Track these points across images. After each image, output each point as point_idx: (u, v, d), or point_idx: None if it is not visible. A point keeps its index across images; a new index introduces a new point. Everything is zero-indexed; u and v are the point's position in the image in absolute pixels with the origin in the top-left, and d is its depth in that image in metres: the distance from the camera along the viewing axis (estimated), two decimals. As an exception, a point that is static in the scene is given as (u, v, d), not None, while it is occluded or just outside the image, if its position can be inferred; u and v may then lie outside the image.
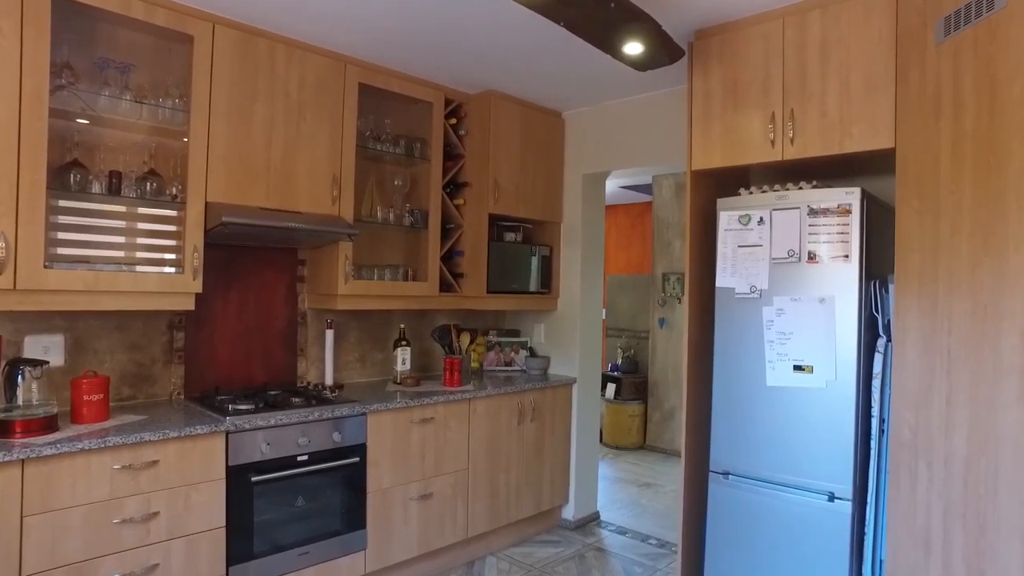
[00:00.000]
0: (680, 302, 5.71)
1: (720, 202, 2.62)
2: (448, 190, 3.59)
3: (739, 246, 2.55)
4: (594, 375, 4.03)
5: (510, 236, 3.85)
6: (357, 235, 2.93)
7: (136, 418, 2.34)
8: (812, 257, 2.37)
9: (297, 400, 2.70)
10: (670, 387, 5.77)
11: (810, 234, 2.38)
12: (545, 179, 3.88)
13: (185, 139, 2.55)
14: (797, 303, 2.40)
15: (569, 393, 3.88)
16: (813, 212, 2.37)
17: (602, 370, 5.09)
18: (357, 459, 2.74)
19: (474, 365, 3.97)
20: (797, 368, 2.39)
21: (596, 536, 3.77)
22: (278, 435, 2.49)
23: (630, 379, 5.98)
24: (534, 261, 3.85)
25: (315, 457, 2.60)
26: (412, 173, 3.55)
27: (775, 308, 2.44)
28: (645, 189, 6.58)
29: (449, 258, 3.64)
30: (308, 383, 3.21)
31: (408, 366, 3.44)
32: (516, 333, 4.23)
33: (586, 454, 3.95)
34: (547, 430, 3.72)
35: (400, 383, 3.38)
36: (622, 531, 3.87)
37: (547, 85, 3.49)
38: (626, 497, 4.53)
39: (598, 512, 4.08)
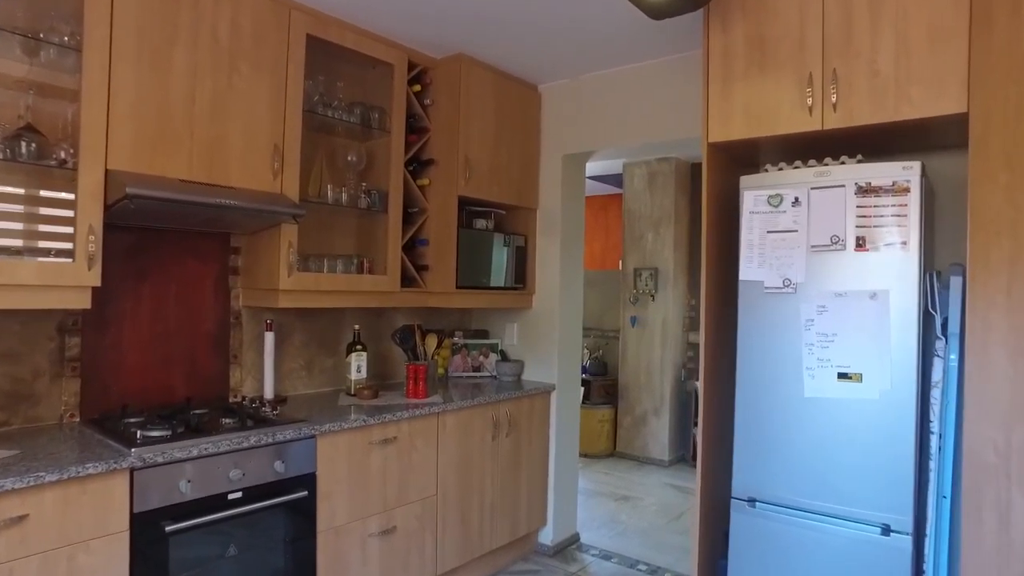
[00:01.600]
0: (654, 299, 5.35)
1: (744, 180, 2.22)
2: (411, 168, 3.09)
3: (768, 232, 2.16)
4: (574, 381, 3.60)
5: (481, 223, 3.37)
6: (303, 217, 2.40)
7: (3, 454, 1.76)
8: (861, 244, 1.99)
9: (229, 421, 2.15)
10: (642, 390, 5.41)
11: (859, 216, 1.99)
12: (520, 159, 3.42)
13: (78, 88, 1.97)
14: (842, 299, 2.01)
15: (547, 402, 3.43)
16: (862, 191, 1.99)
17: (574, 373, 4.67)
18: (305, 492, 2.22)
19: (439, 371, 3.47)
20: (842, 376, 2.01)
21: (579, 563, 3.34)
22: (203, 468, 1.95)
23: (599, 382, 5.59)
24: (507, 252, 3.39)
25: (252, 494, 2.07)
26: (369, 147, 3.03)
27: (815, 305, 2.06)
28: (611, 180, 6.22)
29: (412, 247, 3.14)
30: (243, 397, 2.65)
31: (364, 374, 2.92)
32: (485, 334, 3.75)
33: (565, 470, 3.52)
34: (524, 445, 3.26)
35: (355, 394, 2.86)
36: (606, 556, 3.45)
37: (523, 51, 3.03)
38: (604, 514, 4.12)
39: (578, 534, 3.65)
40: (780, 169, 2.18)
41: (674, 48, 2.97)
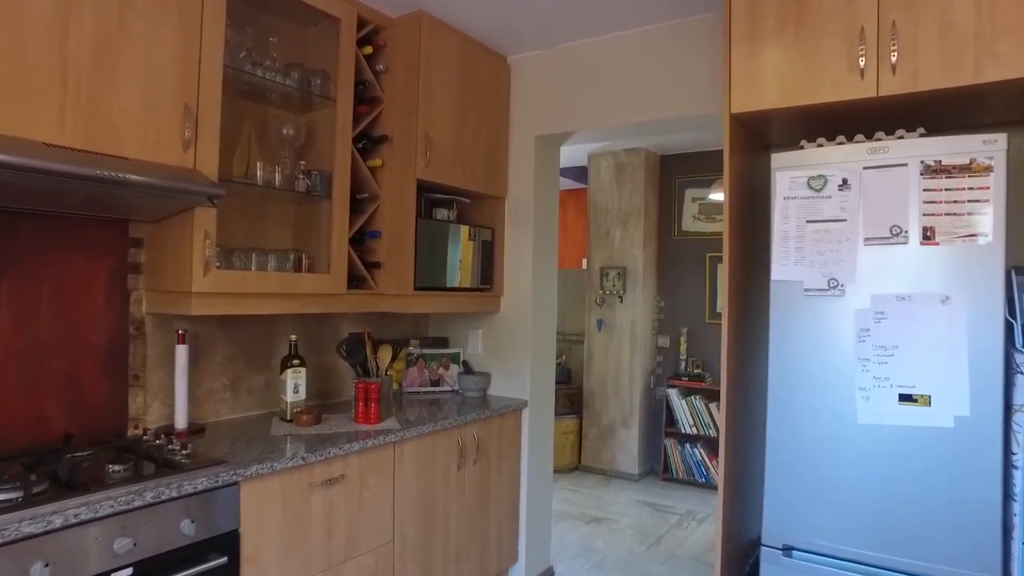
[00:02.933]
0: (622, 300, 4.98)
1: (777, 158, 1.83)
2: (361, 146, 2.58)
3: (808, 221, 1.77)
4: (547, 395, 3.16)
5: (442, 213, 2.89)
6: (222, 199, 1.87)
7: None
8: (928, 236, 1.61)
9: (118, 469, 1.61)
10: (609, 399, 5.02)
11: (926, 202, 1.62)
12: (487, 140, 2.96)
13: None
14: (906, 304, 1.64)
15: (518, 421, 2.98)
16: (931, 171, 1.61)
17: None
18: (224, 559, 1.69)
19: (392, 386, 2.97)
20: (905, 399, 1.63)
21: (556, 607, 2.91)
22: (72, 543, 1.41)
23: (563, 390, 5.17)
24: (473, 247, 2.92)
25: (146, 569, 1.53)
26: (310, 120, 2.51)
27: (871, 311, 1.67)
28: (571, 174, 5.82)
29: (361, 241, 2.63)
30: (145, 430, 2.09)
31: (302, 394, 2.40)
32: (444, 343, 3.27)
33: (539, 498, 3.07)
34: (493, 472, 2.80)
35: (291, 420, 2.34)
36: (586, 595, 3.03)
37: (493, 11, 2.57)
38: (577, 540, 3.70)
39: (552, 568, 3.21)
40: (820, 146, 1.80)
41: (669, 12, 2.56)
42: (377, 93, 2.62)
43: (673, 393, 4.84)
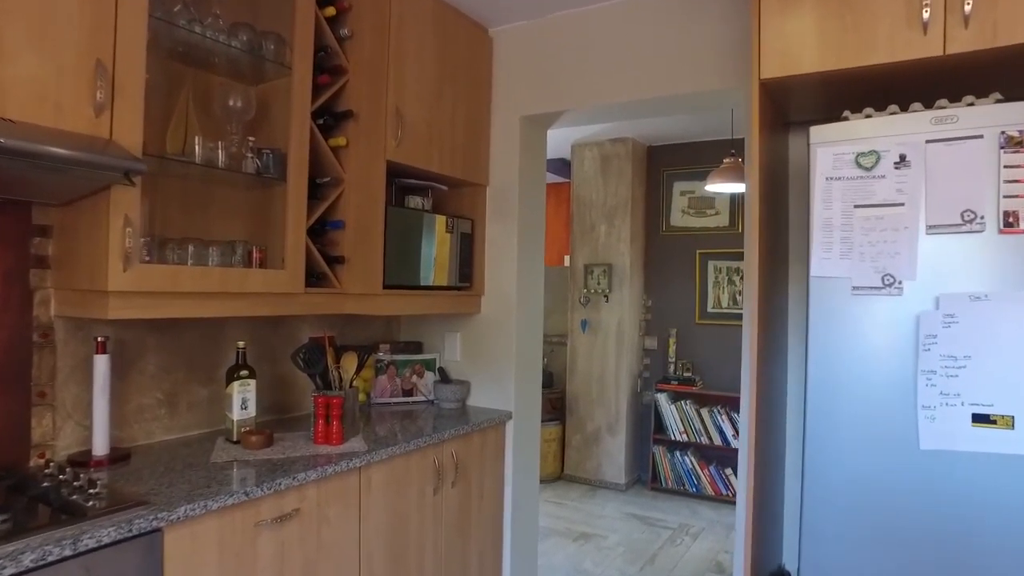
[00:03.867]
0: (607, 299, 4.68)
1: (817, 132, 1.53)
2: (322, 122, 2.23)
3: (856, 206, 1.48)
4: (533, 405, 2.85)
5: (416, 201, 2.56)
6: (140, 174, 1.52)
7: None
8: (1011, 222, 1.33)
9: (-3, 518, 1.25)
10: (593, 404, 4.73)
11: (1007, 182, 1.34)
12: (467, 121, 2.63)
13: None
14: (982, 305, 1.35)
15: (501, 435, 2.66)
16: (1014, 143, 1.33)
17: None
18: (139, 629, 1.34)
19: (360, 400, 2.63)
20: (980, 419, 1.35)
21: (545, 644, 2.59)
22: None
23: (544, 394, 4.84)
24: (451, 241, 2.59)
25: (30, 651, 1.18)
26: (262, 92, 2.16)
27: (938, 314, 1.39)
28: (552, 166, 5.51)
29: (321, 232, 2.29)
30: (49, 461, 1.72)
31: (252, 410, 2.05)
32: (418, 347, 2.93)
33: (524, 519, 2.76)
34: (474, 494, 2.47)
35: (238, 442, 1.99)
36: (577, 629, 2.72)
37: (481, -34, 2.25)
38: (564, 561, 3.39)
39: (538, 598, 2.90)
40: (868, 116, 1.50)
41: (675, -26, 2.26)
42: (341, 62, 2.28)
43: (662, 397, 4.57)
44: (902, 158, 1.42)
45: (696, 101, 2.44)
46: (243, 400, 2.03)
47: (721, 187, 3.61)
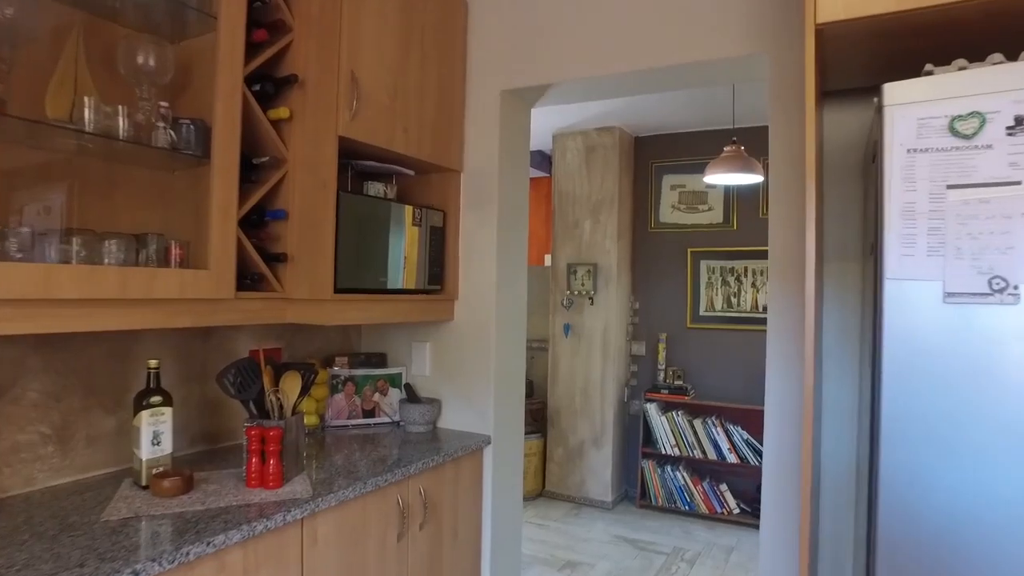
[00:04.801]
0: (592, 302, 4.32)
1: (892, 90, 1.17)
2: (259, 88, 1.82)
3: (950, 186, 1.12)
4: (515, 428, 2.47)
5: (377, 188, 2.16)
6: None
7: None
8: None
9: None
10: (577, 415, 4.36)
11: None
12: (438, 94, 2.24)
13: None
14: None
15: (479, 464, 2.27)
16: None
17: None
18: None
19: (310, 423, 2.22)
20: None
21: None
22: None
23: (524, 405, 4.47)
24: (419, 236, 2.20)
25: None
26: (184, 51, 1.74)
27: (1072, 330, 1.03)
28: (531, 160, 5.13)
29: (259, 224, 1.88)
30: None
31: (167, 446, 1.63)
32: (381, 360, 2.53)
33: (506, 565, 2.37)
34: (446, 536, 2.08)
35: (146, 487, 1.57)
36: None
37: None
38: (548, 599, 3.02)
39: (521, 649, 2.52)
40: (962, 69, 1.15)
41: (686, -83, 1.90)
42: (283, 16, 1.87)
43: (651, 408, 4.22)
44: (1018, 121, 1.07)
45: (707, 73, 2.07)
46: (154, 434, 1.61)
47: (722, 178, 3.27)
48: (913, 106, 1.15)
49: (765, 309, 4.14)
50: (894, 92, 1.17)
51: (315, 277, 1.85)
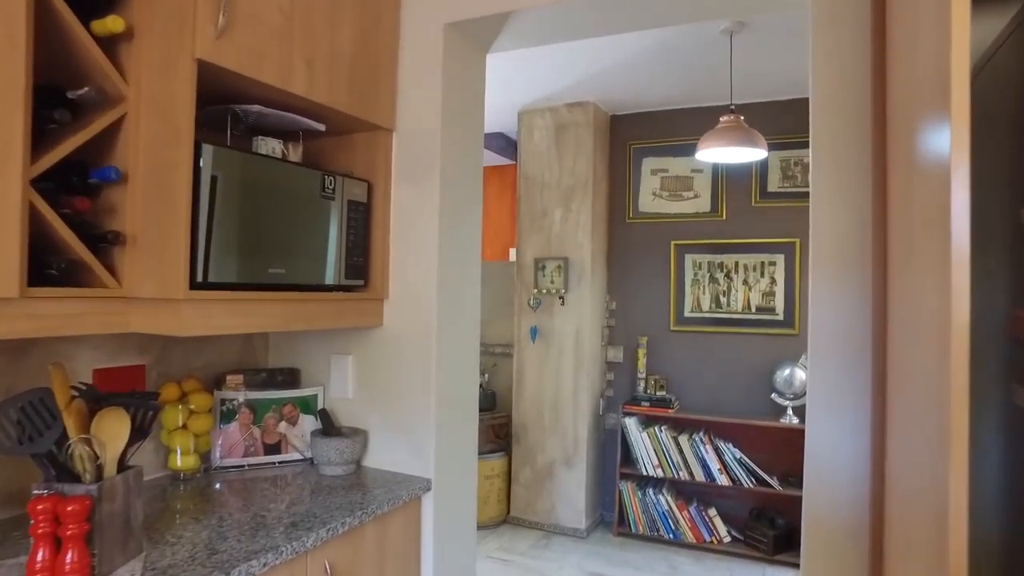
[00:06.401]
0: (563, 302, 3.78)
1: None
2: (67, -17, 1.23)
3: None
4: (465, 466, 1.90)
5: (271, 147, 1.58)
6: None
7: None
8: None
9: None
10: (546, 431, 3.82)
11: None
12: (357, 21, 1.66)
13: None
14: None
15: (415, 519, 1.70)
16: None
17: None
18: None
19: (186, 465, 1.63)
20: None
21: None
22: None
23: (486, 420, 3.92)
24: (334, 214, 1.62)
25: None
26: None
27: None
28: (492, 143, 4.59)
29: (80, 187, 1.28)
30: None
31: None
32: (292, 379, 1.95)
33: (451, 641, 1.81)
34: (367, 625, 1.51)
35: None
36: None
37: None
38: (511, 667, 2.46)
39: None
40: None
41: None
42: None
43: (630, 422, 3.70)
44: None
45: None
46: None
47: (718, 154, 2.75)
48: None
49: (759, 309, 3.66)
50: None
51: (165, 266, 1.27)
